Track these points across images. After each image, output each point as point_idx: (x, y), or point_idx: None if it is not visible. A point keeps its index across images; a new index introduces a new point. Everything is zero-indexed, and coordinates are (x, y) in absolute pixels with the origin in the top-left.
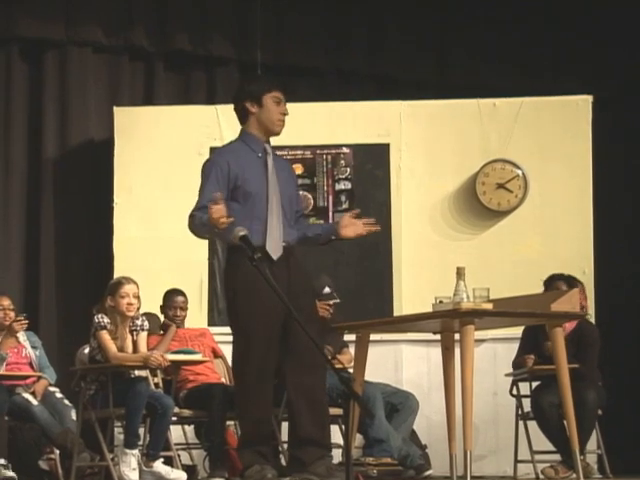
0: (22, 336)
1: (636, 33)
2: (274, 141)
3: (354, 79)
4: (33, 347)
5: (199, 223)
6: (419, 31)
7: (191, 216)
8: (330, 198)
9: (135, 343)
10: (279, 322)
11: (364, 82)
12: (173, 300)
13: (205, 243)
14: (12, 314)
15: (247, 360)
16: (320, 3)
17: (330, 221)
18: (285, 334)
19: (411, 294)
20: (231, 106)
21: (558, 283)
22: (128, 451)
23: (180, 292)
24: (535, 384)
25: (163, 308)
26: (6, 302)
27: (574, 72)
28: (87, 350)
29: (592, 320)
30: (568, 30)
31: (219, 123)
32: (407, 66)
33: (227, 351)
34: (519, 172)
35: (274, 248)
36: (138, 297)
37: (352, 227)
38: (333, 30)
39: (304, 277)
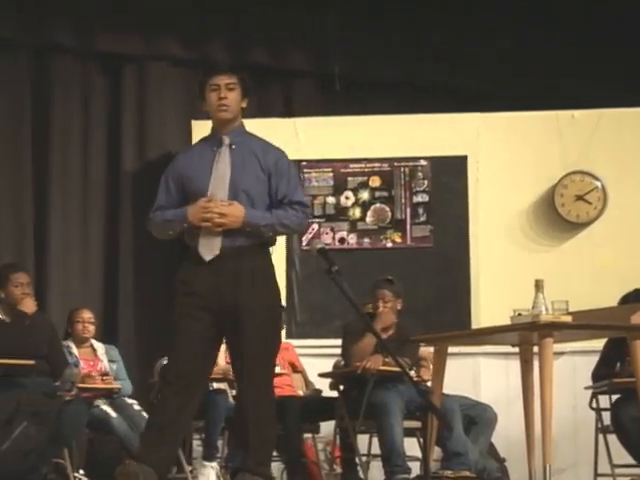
0: (100, 349)
1: None
2: (354, 153)
3: (432, 91)
4: (111, 361)
5: (160, 221)
6: (497, 43)
7: (148, 218)
8: (408, 211)
9: None
10: (203, 328)
11: (442, 94)
12: None
13: (283, 255)
14: (92, 327)
15: None
16: (398, 16)
17: (408, 234)
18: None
19: (489, 306)
20: (309, 119)
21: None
22: (207, 463)
23: None
24: (615, 397)
25: None
26: (86, 315)
27: None
28: (166, 362)
29: None
30: None
31: (297, 136)
32: (485, 78)
33: (305, 363)
34: (598, 184)
35: (208, 247)
36: None
37: (197, 214)
38: (411, 43)
39: (239, 285)
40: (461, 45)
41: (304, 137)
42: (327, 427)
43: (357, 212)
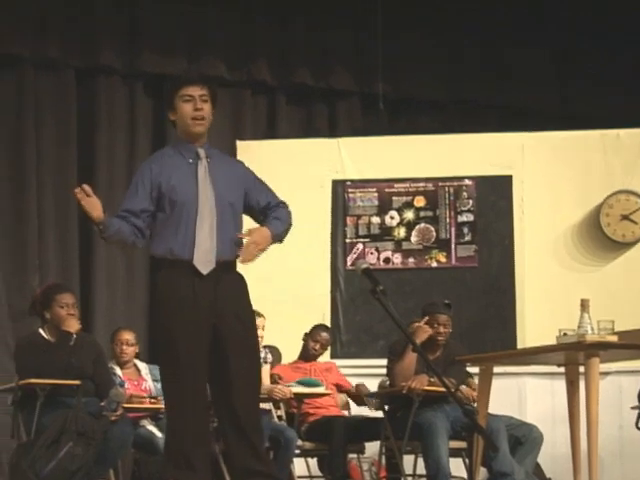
0: (144, 369)
1: None
2: (398, 173)
3: (476, 111)
4: (155, 380)
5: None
6: (542, 62)
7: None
8: (452, 230)
9: None
10: (204, 343)
11: (486, 113)
12: (318, 334)
13: (327, 276)
14: (130, 349)
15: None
16: (441, 35)
17: (453, 254)
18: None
19: (535, 326)
20: (353, 139)
21: None
22: None
23: (326, 328)
24: None
25: (307, 336)
26: (126, 336)
27: None
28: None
29: None
30: None
31: (341, 156)
32: (530, 97)
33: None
34: None
35: (204, 261)
36: None
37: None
38: (455, 61)
39: (235, 299)
40: (506, 63)
41: (348, 157)
42: (372, 447)
43: (402, 232)
